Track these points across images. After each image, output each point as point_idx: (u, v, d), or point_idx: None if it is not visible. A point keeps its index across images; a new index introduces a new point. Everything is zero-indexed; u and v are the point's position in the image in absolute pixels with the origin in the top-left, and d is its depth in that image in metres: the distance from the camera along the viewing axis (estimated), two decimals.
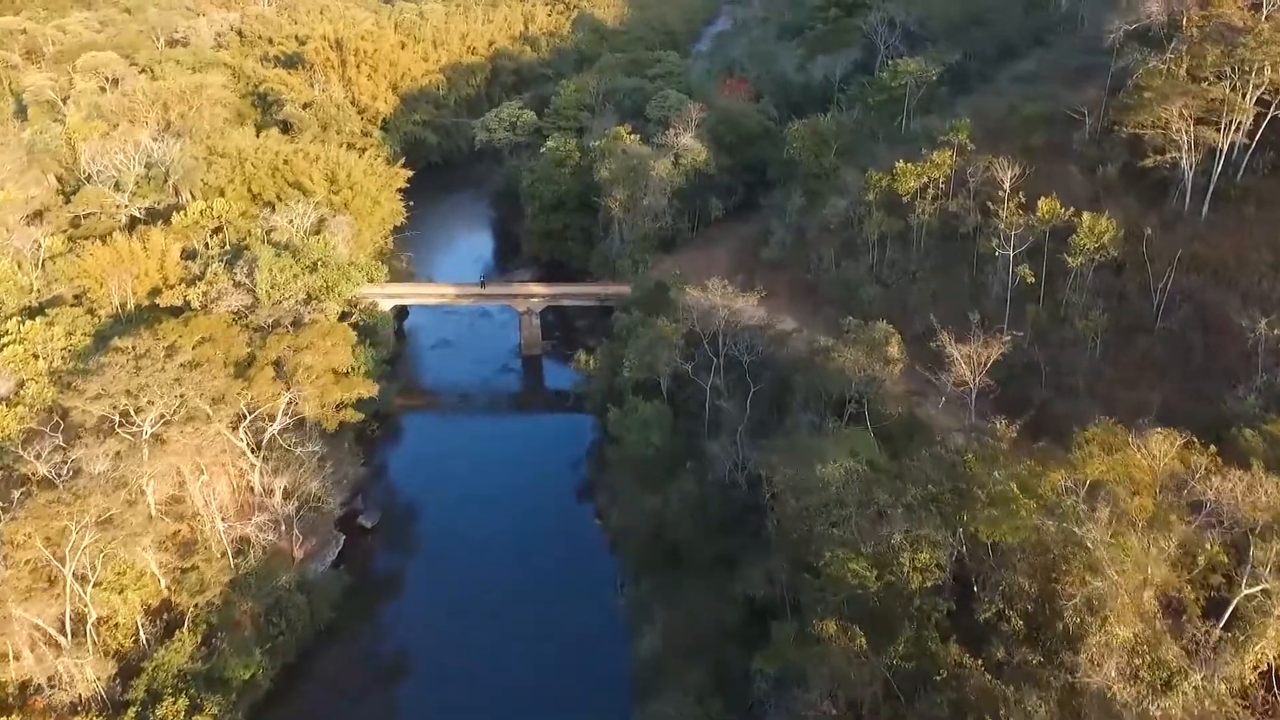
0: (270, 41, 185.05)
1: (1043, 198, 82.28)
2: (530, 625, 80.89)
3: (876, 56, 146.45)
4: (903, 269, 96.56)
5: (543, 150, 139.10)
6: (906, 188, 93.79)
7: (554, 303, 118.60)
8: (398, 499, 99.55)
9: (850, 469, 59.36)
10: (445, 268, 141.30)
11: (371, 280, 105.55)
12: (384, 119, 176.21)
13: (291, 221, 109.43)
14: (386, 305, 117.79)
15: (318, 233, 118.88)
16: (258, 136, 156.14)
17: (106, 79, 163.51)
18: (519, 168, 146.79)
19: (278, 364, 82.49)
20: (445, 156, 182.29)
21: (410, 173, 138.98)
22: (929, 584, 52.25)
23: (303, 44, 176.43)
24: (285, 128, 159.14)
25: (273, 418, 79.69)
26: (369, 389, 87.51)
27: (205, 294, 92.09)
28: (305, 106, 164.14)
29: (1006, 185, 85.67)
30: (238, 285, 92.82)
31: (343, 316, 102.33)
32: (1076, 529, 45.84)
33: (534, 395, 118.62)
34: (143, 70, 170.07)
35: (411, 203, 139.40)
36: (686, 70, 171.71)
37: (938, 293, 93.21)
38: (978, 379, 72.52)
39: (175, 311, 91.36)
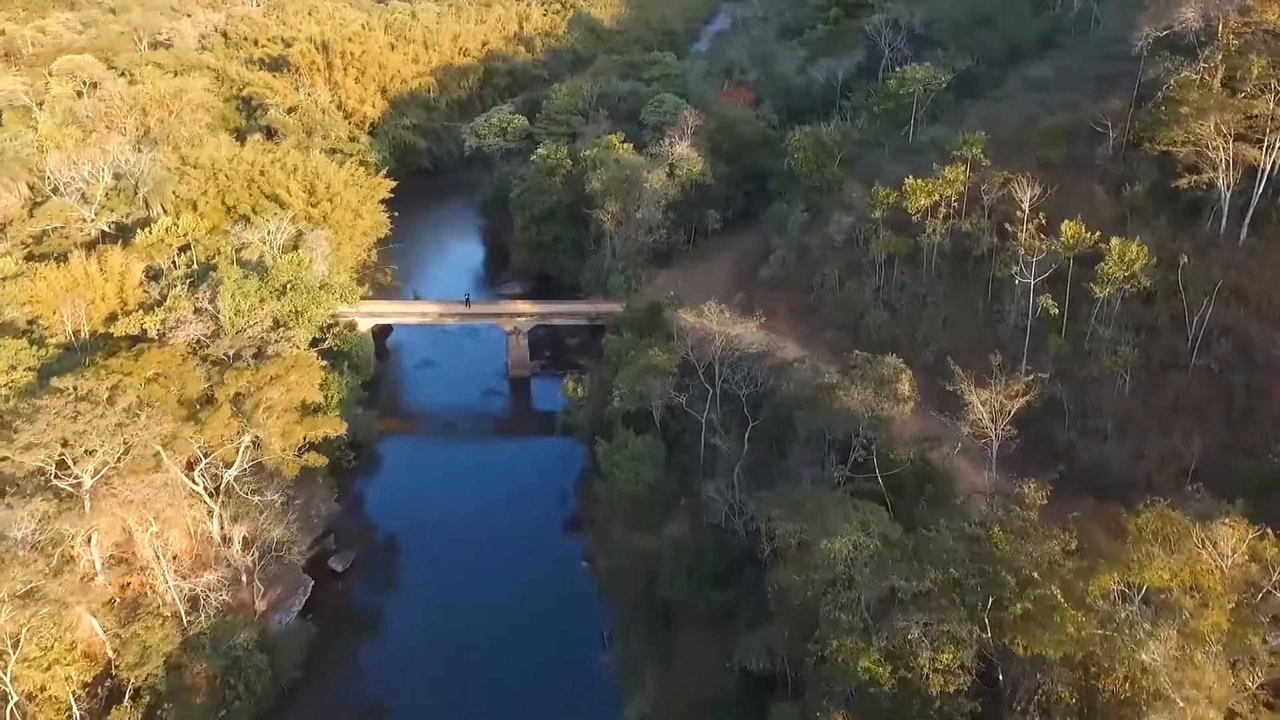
0: (256, 43, 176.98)
1: (1067, 222, 74.32)
2: (512, 682, 73.50)
3: (881, 59, 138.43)
4: (912, 293, 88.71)
5: (533, 158, 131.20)
6: (916, 206, 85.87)
7: (542, 322, 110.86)
8: (374, 536, 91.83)
9: (860, 544, 51.63)
10: (432, 281, 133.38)
11: (346, 302, 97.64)
12: (372, 123, 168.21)
13: (264, 239, 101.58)
14: (366, 325, 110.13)
15: (295, 248, 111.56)
16: (241, 143, 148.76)
17: (83, 83, 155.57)
18: (509, 175, 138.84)
19: (237, 401, 74.66)
20: (435, 161, 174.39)
21: (394, 183, 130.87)
22: (952, 688, 44.57)
23: (288, 46, 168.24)
24: (269, 133, 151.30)
25: (230, 463, 71.98)
26: (336, 427, 79.60)
27: (164, 321, 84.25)
28: (290, 111, 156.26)
29: (1026, 205, 77.81)
30: (198, 312, 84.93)
31: (317, 341, 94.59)
32: (1137, 651, 38.16)
33: (522, 419, 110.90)
34: (122, 74, 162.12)
35: (397, 213, 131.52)
36: (684, 72, 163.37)
37: (950, 319, 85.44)
38: (1000, 428, 64.63)
39: (132, 341, 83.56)
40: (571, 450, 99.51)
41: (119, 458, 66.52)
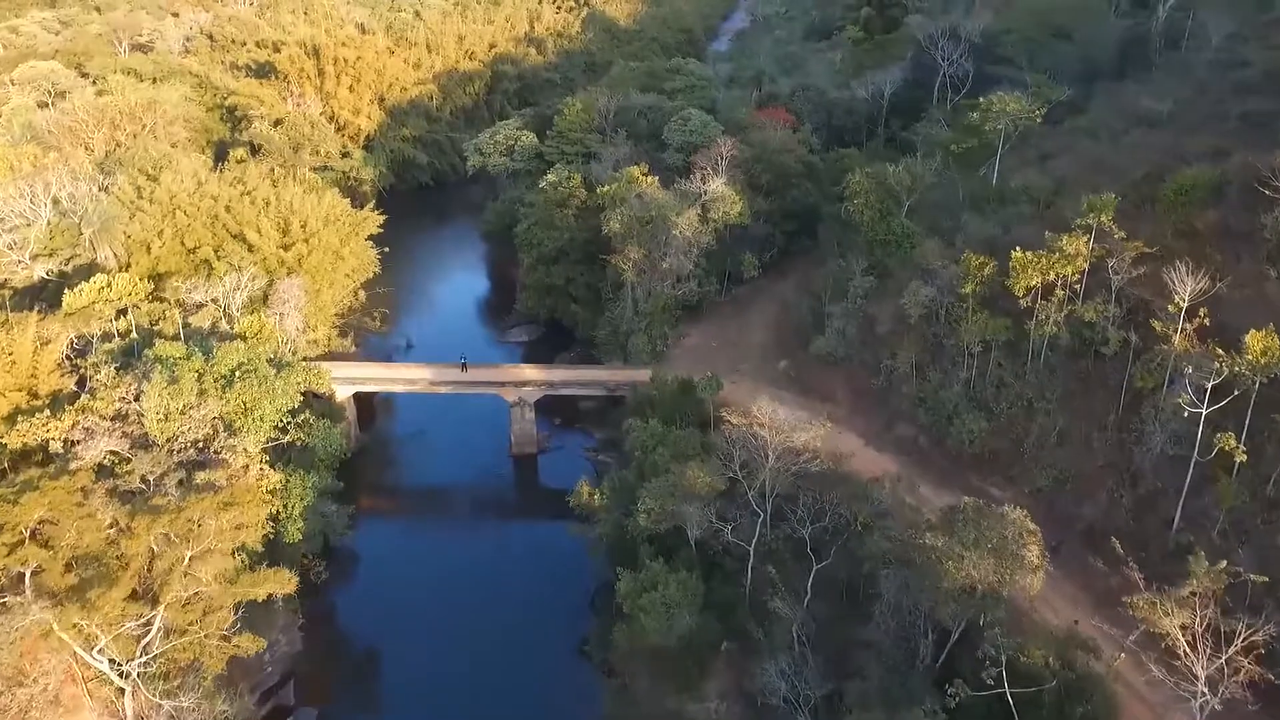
0: (244, 46, 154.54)
1: (1254, 333, 52.48)
2: None
3: (935, 74, 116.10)
4: (1015, 394, 67.03)
5: (541, 185, 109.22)
6: (1025, 285, 64.11)
7: (551, 391, 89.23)
8: (345, 675, 71.19)
9: None
10: (427, 324, 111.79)
11: (314, 386, 76.10)
12: (367, 136, 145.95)
13: (221, 298, 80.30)
14: (345, 393, 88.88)
15: (264, 299, 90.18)
16: (222, 161, 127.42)
17: (48, 92, 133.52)
18: (515, 201, 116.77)
19: (150, 558, 53.62)
20: (437, 177, 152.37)
21: (383, 217, 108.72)
22: None
23: (277, 51, 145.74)
24: (254, 149, 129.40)
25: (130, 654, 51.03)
26: (284, 585, 58.45)
27: (75, 425, 63.00)
28: (276, 124, 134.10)
29: (1184, 298, 56.17)
30: (117, 418, 63.64)
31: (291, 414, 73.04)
32: None
33: (527, 505, 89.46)
34: (94, 81, 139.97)
35: (391, 237, 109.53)
36: (709, 81, 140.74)
37: (1067, 434, 63.94)
38: (1207, 667, 43.00)
39: (28, 457, 62.44)
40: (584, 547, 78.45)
41: None
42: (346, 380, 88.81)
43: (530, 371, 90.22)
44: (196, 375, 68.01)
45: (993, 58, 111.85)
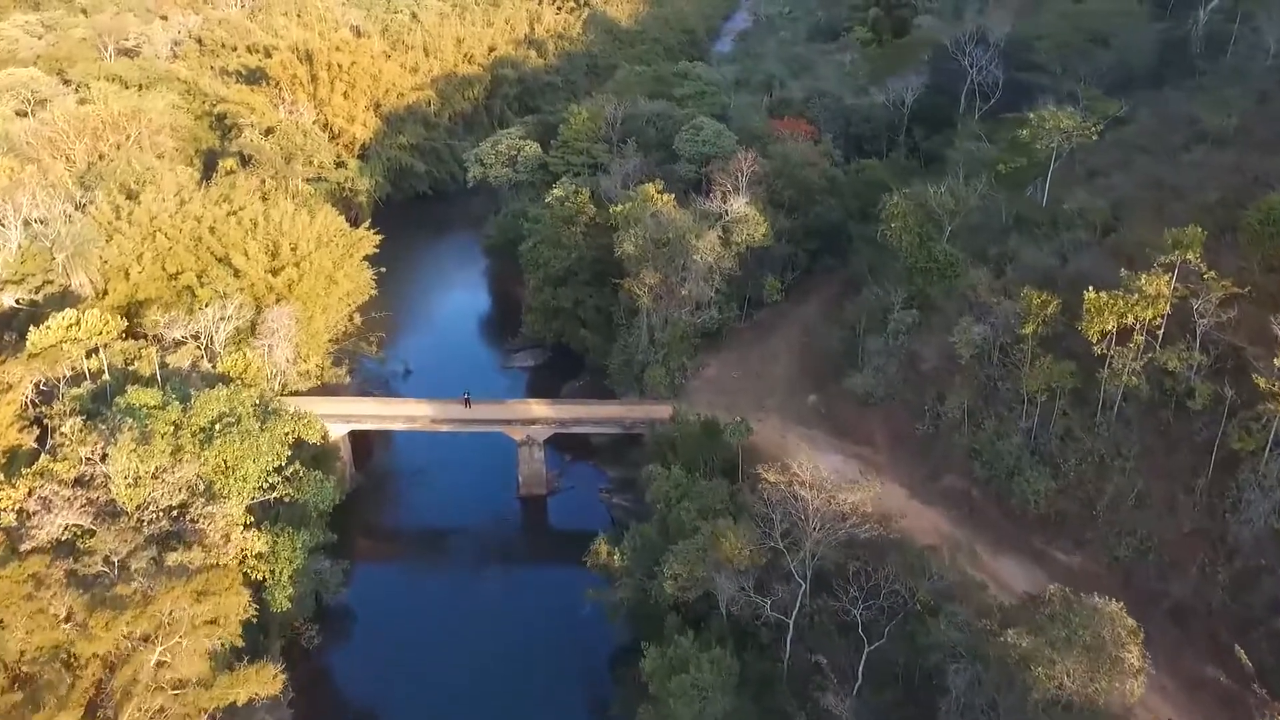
0: (234, 50, 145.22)
1: None
2: None
3: (962, 81, 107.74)
4: (1085, 449, 58.81)
5: (547, 200, 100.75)
6: (1099, 329, 55.96)
7: (562, 430, 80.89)
8: None
9: None
10: (426, 350, 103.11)
11: (304, 434, 67.44)
12: (363, 144, 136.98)
13: (203, 333, 71.90)
14: (339, 431, 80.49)
15: (251, 329, 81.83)
16: (211, 171, 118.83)
17: (27, 101, 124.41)
18: (519, 214, 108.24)
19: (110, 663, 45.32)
20: (436, 186, 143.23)
21: (380, 237, 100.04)
22: None
23: (269, 56, 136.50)
24: (244, 160, 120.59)
25: None
26: (266, 683, 50.15)
27: (31, 493, 54.54)
28: (267, 133, 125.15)
29: None
30: (80, 483, 55.25)
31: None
32: None
33: (537, 552, 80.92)
34: (77, 88, 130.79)
35: (383, 268, 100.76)
36: (719, 87, 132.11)
37: (1148, 498, 55.78)
38: None
39: None
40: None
41: None
42: (341, 418, 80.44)
43: (539, 408, 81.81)
44: (172, 428, 59.78)
45: (1024, 64, 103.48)
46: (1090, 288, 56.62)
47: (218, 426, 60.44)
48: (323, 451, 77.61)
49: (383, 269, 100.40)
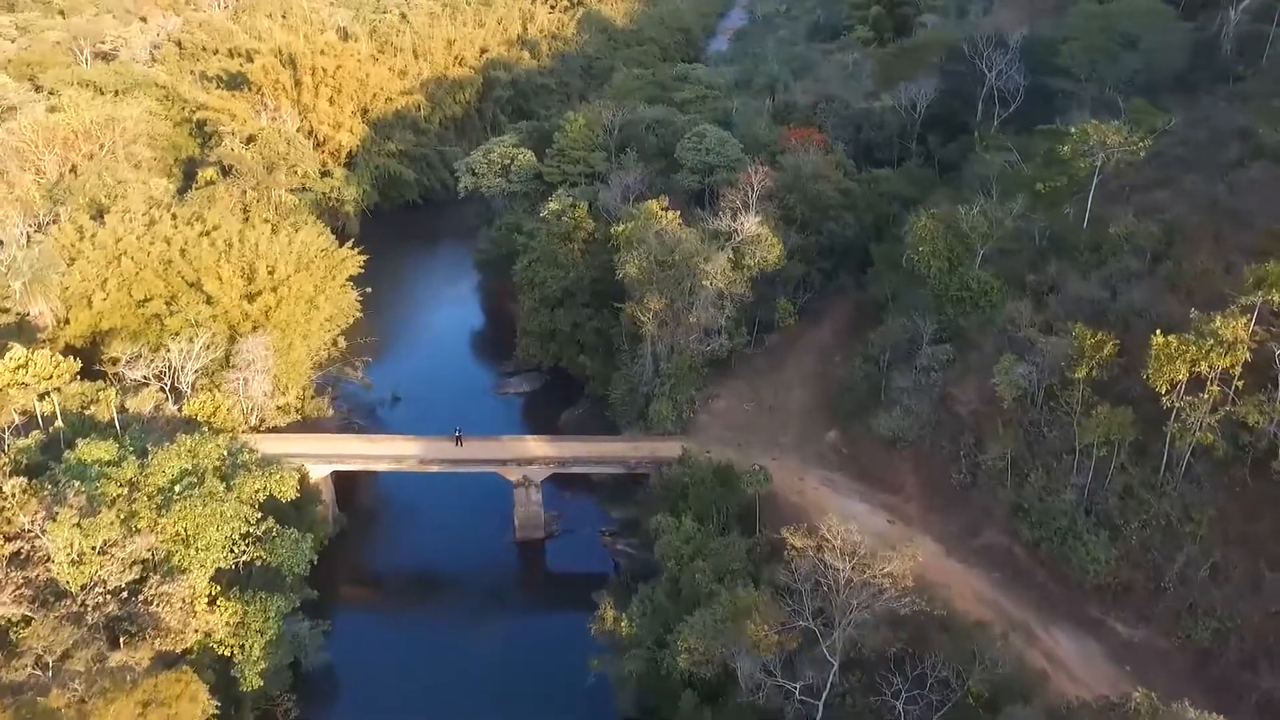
0: (215, 54, 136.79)
1: None
2: None
3: (978, 85, 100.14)
4: (1149, 510, 51.51)
5: (542, 214, 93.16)
6: (1169, 378, 48.69)
7: (561, 470, 73.43)
8: None
9: None
10: (415, 373, 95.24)
11: (278, 492, 59.68)
12: (350, 152, 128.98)
13: (161, 377, 64.19)
14: (320, 472, 72.95)
15: (225, 362, 74.26)
16: (190, 184, 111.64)
17: None
18: (513, 227, 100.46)
19: None
20: (426, 194, 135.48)
21: (364, 257, 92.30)
22: None
23: (250, 60, 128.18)
24: (225, 169, 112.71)
25: None
26: None
27: None
28: (249, 141, 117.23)
29: None
30: (17, 561, 47.65)
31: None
32: None
33: (534, 601, 73.16)
34: (50, 94, 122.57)
35: (369, 288, 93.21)
36: (721, 91, 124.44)
37: (1225, 571, 48.54)
38: None
39: None
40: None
41: None
42: (322, 458, 72.94)
43: (536, 446, 74.30)
44: (126, 490, 52.14)
45: (1046, 68, 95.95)
46: (1157, 330, 49.27)
47: (178, 488, 52.85)
48: (303, 495, 70.27)
49: (368, 289, 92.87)
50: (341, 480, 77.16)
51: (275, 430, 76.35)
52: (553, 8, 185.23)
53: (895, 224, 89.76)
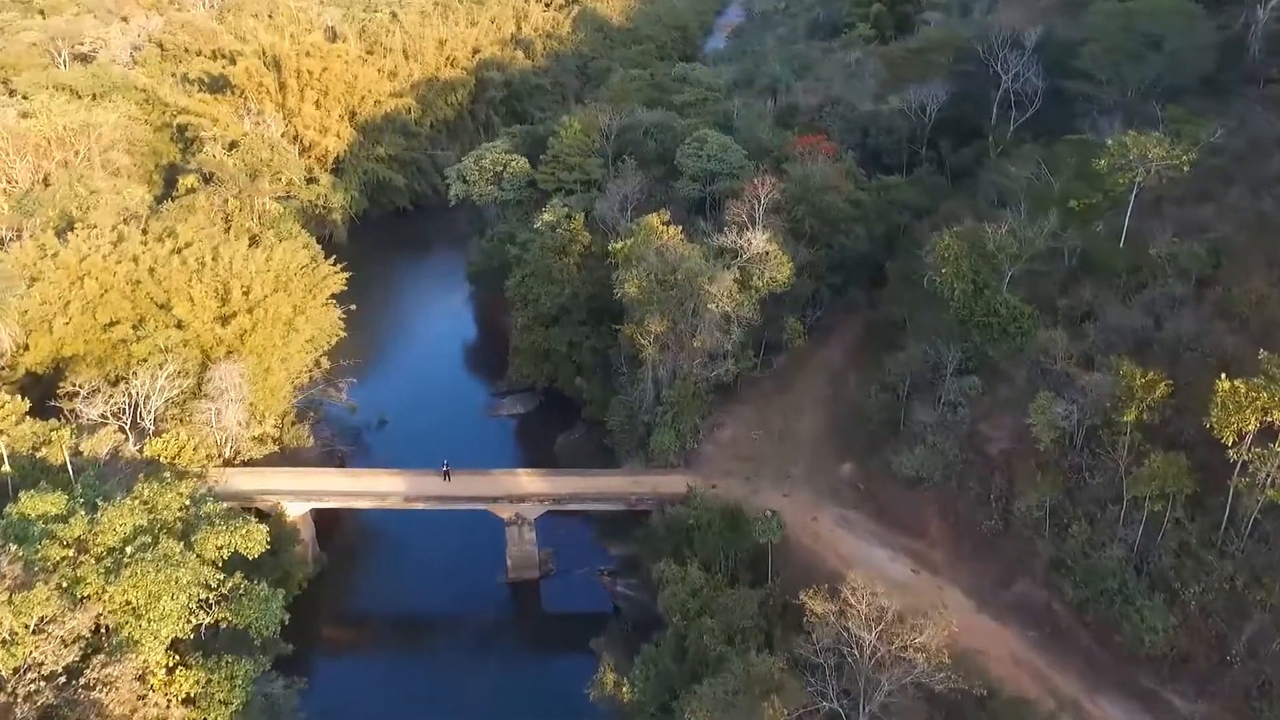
0: (198, 56, 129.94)
1: None
2: None
3: (991, 87, 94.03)
4: (1212, 571, 45.54)
5: (536, 225, 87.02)
6: (1237, 429, 42.71)
7: (556, 507, 67.38)
8: None
9: None
10: (402, 393, 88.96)
11: (244, 548, 53.37)
12: (337, 157, 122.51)
13: (120, 415, 58.01)
14: (298, 510, 66.94)
15: (198, 389, 68.16)
16: (171, 191, 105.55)
17: None
18: (506, 239, 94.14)
19: None
20: (416, 200, 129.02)
21: (348, 274, 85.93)
22: None
23: (233, 63, 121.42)
24: (207, 177, 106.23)
25: None
26: None
27: None
28: (231, 147, 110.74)
29: None
30: None
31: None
32: None
33: (529, 646, 66.98)
34: (24, 98, 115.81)
35: (354, 306, 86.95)
36: (721, 93, 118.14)
37: None
38: None
39: None
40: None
41: None
42: (300, 495, 66.94)
43: (529, 481, 68.17)
44: (72, 551, 46.03)
45: (1062, 70, 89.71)
46: (1222, 375, 43.23)
47: (130, 549, 46.73)
48: (280, 535, 64.29)
49: (353, 306, 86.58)
50: (323, 514, 71.12)
51: (250, 463, 70.28)
52: (547, 6, 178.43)
53: (906, 234, 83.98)
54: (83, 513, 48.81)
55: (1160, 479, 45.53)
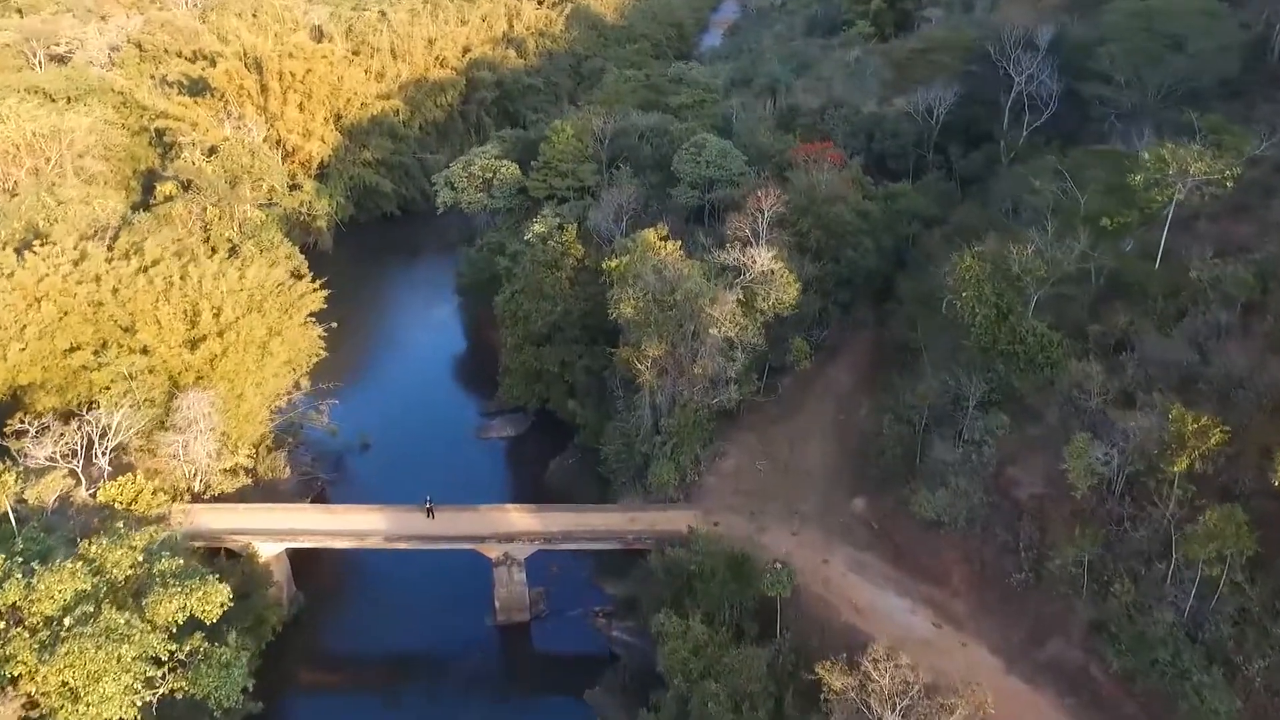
0: (179, 56, 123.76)
1: None
2: None
3: (1005, 90, 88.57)
4: (1275, 643, 40.20)
5: (527, 237, 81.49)
6: None
7: (547, 546, 61.89)
8: None
9: None
10: (386, 413, 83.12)
11: (201, 611, 47.89)
12: (321, 162, 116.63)
13: (70, 457, 52.44)
14: (271, 550, 61.43)
15: (163, 421, 62.68)
16: (150, 197, 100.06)
17: None
18: (496, 250, 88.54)
19: None
20: (404, 205, 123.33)
21: (326, 293, 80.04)
22: None
23: (212, 65, 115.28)
24: (186, 184, 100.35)
25: None
26: None
27: None
28: (210, 153, 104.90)
29: None
30: None
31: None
32: None
33: (519, 695, 61.75)
34: None
35: (334, 323, 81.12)
36: (719, 94, 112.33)
37: None
38: None
39: None
40: None
41: None
42: (274, 534, 61.50)
43: (518, 518, 62.64)
44: (4, 623, 40.47)
45: (1077, 71, 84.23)
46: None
47: (69, 620, 41.20)
48: (250, 577, 59.05)
49: (334, 324, 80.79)
50: (299, 550, 65.52)
51: (221, 498, 64.82)
52: (540, 3, 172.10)
53: (916, 246, 78.76)
54: (19, 575, 43.24)
55: (1219, 539, 40.16)
